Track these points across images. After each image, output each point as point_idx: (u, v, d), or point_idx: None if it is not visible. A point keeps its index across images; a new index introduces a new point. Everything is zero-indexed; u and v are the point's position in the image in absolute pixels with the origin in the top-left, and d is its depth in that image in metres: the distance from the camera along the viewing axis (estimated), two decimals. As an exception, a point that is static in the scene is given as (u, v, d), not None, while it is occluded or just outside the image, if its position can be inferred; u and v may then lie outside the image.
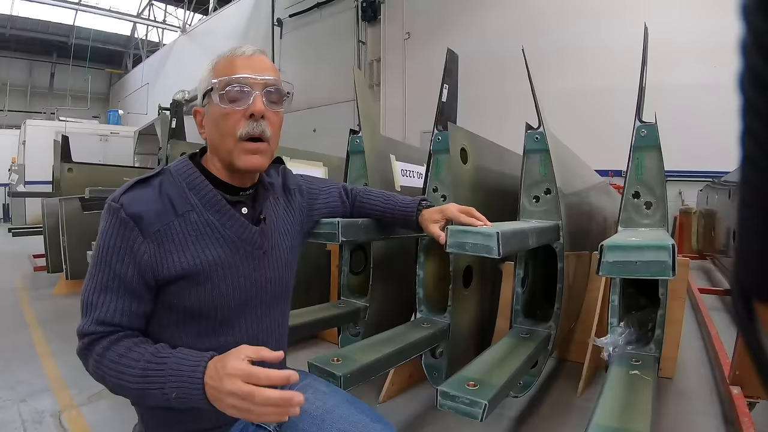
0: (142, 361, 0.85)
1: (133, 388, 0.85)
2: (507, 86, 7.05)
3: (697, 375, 2.43)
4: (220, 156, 1.00)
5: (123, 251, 0.90)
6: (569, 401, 2.17)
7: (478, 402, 1.25)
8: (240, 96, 0.97)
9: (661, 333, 1.77)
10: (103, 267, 0.91)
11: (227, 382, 0.77)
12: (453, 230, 1.27)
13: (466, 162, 1.96)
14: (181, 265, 0.93)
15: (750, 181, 0.31)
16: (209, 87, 0.99)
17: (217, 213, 0.98)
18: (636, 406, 1.28)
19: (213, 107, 0.99)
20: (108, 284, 0.90)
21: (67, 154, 4.88)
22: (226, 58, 1.01)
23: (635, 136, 1.75)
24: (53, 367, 2.54)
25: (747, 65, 0.28)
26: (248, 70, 0.98)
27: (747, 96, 0.29)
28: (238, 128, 0.97)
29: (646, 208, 1.76)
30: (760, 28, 0.27)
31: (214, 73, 0.99)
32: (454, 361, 1.97)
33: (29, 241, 5.36)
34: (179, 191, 0.96)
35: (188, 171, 0.99)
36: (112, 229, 0.91)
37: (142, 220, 0.91)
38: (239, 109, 0.97)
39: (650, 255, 1.14)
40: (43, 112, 16.27)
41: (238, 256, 1.00)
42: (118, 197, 0.92)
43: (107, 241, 0.91)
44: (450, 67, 1.93)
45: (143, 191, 0.94)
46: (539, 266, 2.17)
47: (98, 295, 0.90)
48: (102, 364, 0.87)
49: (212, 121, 1.00)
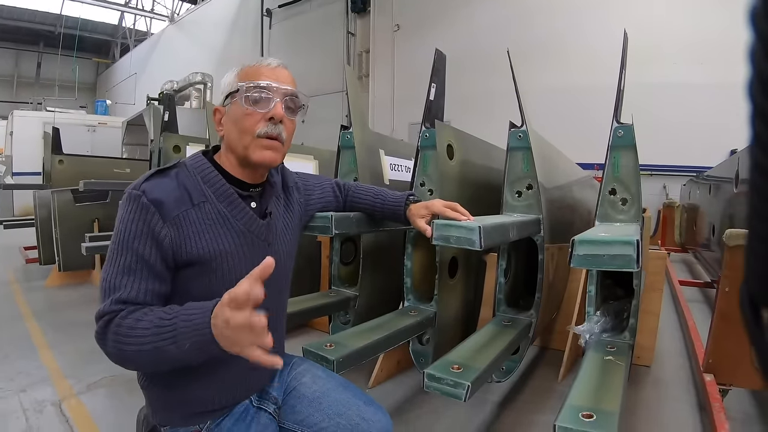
0: (156, 319, 0.88)
1: (149, 349, 0.87)
2: (493, 81, 7.11)
3: (674, 364, 2.53)
4: (237, 151, 1.08)
5: (145, 234, 0.95)
6: (550, 387, 2.27)
7: (462, 383, 1.34)
8: (262, 100, 1.06)
9: (635, 322, 1.87)
10: (124, 251, 0.95)
11: (219, 315, 0.81)
12: (438, 224, 1.36)
13: (453, 158, 2.04)
14: (197, 251, 0.99)
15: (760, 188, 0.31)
16: (234, 89, 1.07)
17: (229, 205, 1.06)
18: (609, 388, 1.36)
19: (235, 107, 1.07)
20: (131, 266, 0.95)
21: (58, 146, 4.85)
22: (254, 66, 1.09)
23: (612, 136, 1.83)
24: (51, 358, 2.57)
25: (755, 71, 0.28)
26: (272, 79, 1.08)
27: (756, 102, 0.29)
28: (257, 128, 1.06)
29: (622, 204, 1.86)
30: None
31: (240, 78, 1.08)
32: (440, 347, 2.06)
33: (18, 234, 5.31)
34: (194, 183, 1.03)
35: (202, 165, 1.07)
36: (133, 214, 0.96)
37: (163, 205, 0.97)
38: (260, 111, 1.06)
39: (616, 249, 1.23)
40: (30, 102, 16.05)
41: (247, 247, 1.07)
42: (139, 185, 0.99)
43: (129, 226, 0.96)
44: (438, 67, 2.01)
45: (162, 180, 1.01)
46: (522, 258, 2.26)
47: (120, 278, 0.94)
48: (119, 333, 0.89)
49: (233, 119, 1.08)
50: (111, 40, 21.01)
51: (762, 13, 0.27)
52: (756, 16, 0.27)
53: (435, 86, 1.96)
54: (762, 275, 0.33)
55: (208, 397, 1.07)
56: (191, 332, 0.84)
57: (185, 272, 1.01)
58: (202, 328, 0.83)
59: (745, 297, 0.34)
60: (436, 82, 1.97)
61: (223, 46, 13.83)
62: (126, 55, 19.49)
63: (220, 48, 13.91)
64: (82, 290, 4.09)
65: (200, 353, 0.86)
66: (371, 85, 9.81)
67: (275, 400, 1.18)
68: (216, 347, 0.83)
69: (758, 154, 0.30)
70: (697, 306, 3.59)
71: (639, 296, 1.86)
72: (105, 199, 4.29)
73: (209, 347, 0.84)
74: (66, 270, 4.10)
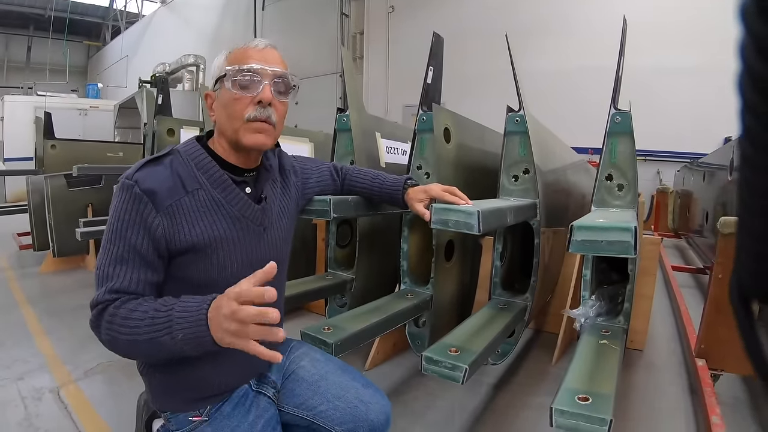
0: (151, 310, 0.89)
1: (143, 339, 0.87)
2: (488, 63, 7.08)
3: (666, 348, 2.56)
4: (227, 136, 1.07)
5: (138, 224, 0.95)
6: (544, 369, 2.30)
7: (459, 366, 1.36)
8: (250, 84, 1.04)
9: (629, 306, 1.88)
10: (117, 241, 0.95)
11: (224, 306, 0.81)
12: (437, 208, 1.36)
13: (449, 141, 2.04)
14: (191, 238, 0.99)
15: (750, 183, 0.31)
16: (222, 73, 1.05)
17: (223, 191, 1.05)
18: (604, 372, 1.37)
19: (224, 92, 1.05)
20: (123, 256, 0.95)
21: (50, 131, 4.80)
22: (241, 49, 1.08)
23: (610, 123, 1.83)
24: (47, 345, 2.56)
25: (745, 67, 0.28)
26: (260, 60, 1.05)
27: (746, 98, 0.29)
28: (246, 112, 1.04)
29: (618, 190, 1.86)
30: (759, 32, 0.27)
31: (228, 62, 1.07)
32: (436, 330, 2.08)
33: (10, 220, 5.26)
34: (188, 170, 1.03)
35: (196, 152, 1.06)
36: (126, 204, 0.96)
37: (156, 195, 0.97)
38: (249, 95, 1.04)
39: (614, 235, 1.23)
40: (21, 86, 15.82)
41: (242, 232, 1.07)
42: (131, 175, 0.98)
43: (122, 216, 0.96)
44: (435, 50, 1.98)
45: (155, 169, 1.00)
46: (517, 241, 2.27)
47: (113, 267, 0.95)
48: (113, 323, 0.90)
49: (222, 104, 1.06)
50: (102, 23, 20.64)
51: (752, 8, 0.27)
52: (746, 11, 0.27)
53: (432, 69, 1.95)
54: (751, 268, 0.34)
55: (208, 382, 1.08)
56: (186, 323, 0.85)
57: (181, 259, 1.01)
58: (197, 319, 0.84)
59: (735, 289, 0.35)
60: (433, 65, 1.96)
61: (216, 28, 13.64)
62: (117, 37, 19.14)
63: (213, 30, 13.71)
64: (77, 276, 4.07)
65: (194, 345, 0.86)
66: (365, 67, 9.73)
67: (274, 384, 1.19)
68: (209, 341, 0.84)
69: (748, 149, 0.30)
70: (689, 291, 3.61)
71: (634, 281, 1.88)
72: (99, 183, 4.24)
73: (203, 340, 0.84)
74: (60, 256, 4.07)
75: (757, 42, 0.27)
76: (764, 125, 0.29)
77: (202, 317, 0.84)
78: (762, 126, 0.29)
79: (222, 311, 0.81)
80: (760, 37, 0.27)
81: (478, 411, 1.95)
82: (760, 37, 0.27)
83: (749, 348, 0.35)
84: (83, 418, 1.88)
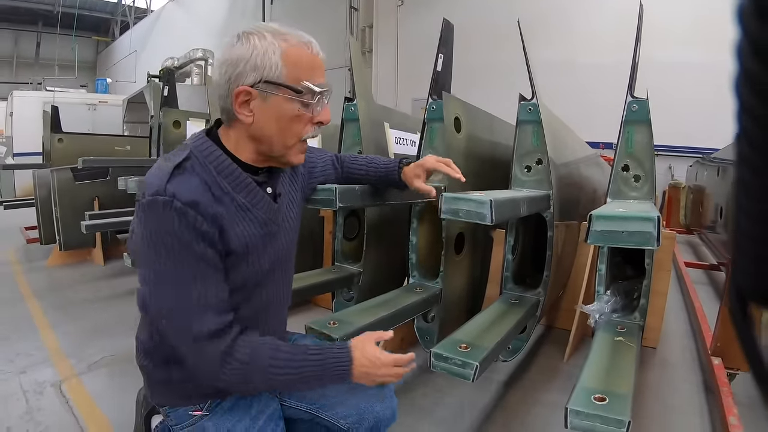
0: (295, 362, 0.96)
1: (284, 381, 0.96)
2: (496, 55, 7.01)
3: (680, 345, 2.51)
4: (271, 148, 0.98)
5: (197, 238, 0.89)
6: (556, 366, 2.25)
7: (470, 363, 1.31)
8: (318, 104, 0.98)
9: (645, 302, 1.83)
10: (184, 262, 0.89)
11: (383, 369, 0.99)
12: (447, 197, 1.31)
13: (460, 131, 1.98)
14: (231, 244, 0.95)
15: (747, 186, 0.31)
16: (280, 79, 0.93)
17: (248, 195, 0.99)
18: (620, 370, 1.33)
19: (279, 101, 0.94)
20: (197, 274, 0.90)
21: (57, 125, 4.79)
22: (302, 52, 0.96)
23: (626, 111, 1.77)
24: (52, 338, 2.55)
25: (742, 69, 0.28)
26: (324, 76, 0.99)
27: (742, 99, 0.29)
28: (305, 132, 0.98)
29: (635, 181, 1.80)
30: (756, 33, 0.27)
31: (287, 65, 0.93)
32: (446, 325, 2.03)
33: (19, 214, 5.28)
34: (211, 176, 0.94)
35: (213, 154, 0.96)
36: (173, 222, 0.87)
37: (199, 205, 0.90)
38: (309, 115, 0.97)
39: (636, 226, 1.18)
40: (30, 82, 15.90)
41: (267, 233, 1.03)
42: (163, 189, 0.88)
43: (176, 235, 0.88)
44: (445, 37, 1.93)
45: (184, 178, 0.91)
46: (529, 234, 2.21)
47: (193, 288, 0.90)
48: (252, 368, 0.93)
49: (276, 115, 0.95)
50: (111, 18, 20.73)
51: (749, 10, 0.27)
52: (743, 13, 0.27)
53: (442, 57, 1.89)
54: (749, 272, 0.33)
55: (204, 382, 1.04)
56: (335, 368, 0.98)
57: None
58: (346, 364, 0.98)
59: (733, 291, 0.35)
60: (443, 52, 1.90)
61: (224, 22, 13.66)
62: (126, 32, 19.21)
63: (221, 24, 13.73)
64: (84, 269, 4.06)
65: (331, 382, 1.01)
66: (374, 60, 9.70)
67: None
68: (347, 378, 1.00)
69: (744, 150, 0.30)
70: (703, 288, 3.54)
71: (651, 276, 1.82)
72: (105, 176, 4.24)
73: (342, 379, 1.00)
74: (67, 249, 4.07)
75: (754, 44, 0.27)
76: (761, 127, 0.28)
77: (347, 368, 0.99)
78: (759, 128, 0.28)
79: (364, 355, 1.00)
80: (757, 39, 0.27)
81: (488, 408, 1.90)
82: (757, 39, 0.27)
83: (747, 353, 0.35)
84: (84, 412, 1.87)
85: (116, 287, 3.50)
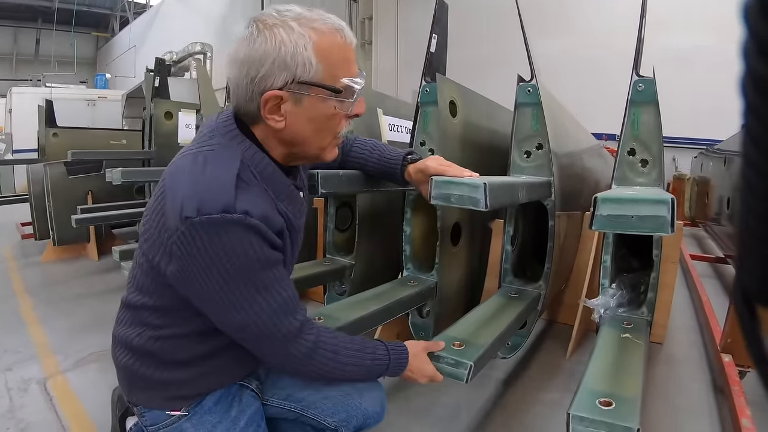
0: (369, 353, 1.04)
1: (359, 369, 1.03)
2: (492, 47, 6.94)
3: (687, 341, 2.42)
4: (304, 150, 0.93)
5: (270, 249, 0.87)
6: (558, 363, 2.16)
7: (464, 363, 1.21)
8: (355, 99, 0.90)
9: (653, 296, 1.74)
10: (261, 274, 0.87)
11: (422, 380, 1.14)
12: (437, 181, 1.20)
13: (456, 115, 1.88)
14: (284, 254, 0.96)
15: (752, 186, 0.31)
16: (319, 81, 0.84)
17: (291, 203, 0.95)
18: (627, 370, 1.25)
19: (314, 102, 0.86)
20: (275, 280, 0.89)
21: (52, 119, 4.74)
22: (338, 42, 0.86)
23: (632, 91, 1.67)
24: (40, 334, 2.51)
25: (748, 68, 0.28)
26: (356, 66, 0.90)
27: (748, 99, 0.29)
28: (340, 128, 0.92)
29: (642, 166, 1.70)
30: (761, 32, 0.26)
31: (321, 59, 0.83)
32: (442, 320, 1.94)
33: (15, 210, 5.27)
34: (261, 186, 0.88)
35: (263, 162, 0.89)
36: (251, 241, 0.83)
37: (269, 219, 0.86)
38: (345, 111, 0.90)
39: (647, 209, 1.07)
40: (29, 79, 15.95)
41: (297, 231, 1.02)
42: (232, 206, 0.80)
43: (251, 256, 0.83)
44: (439, 17, 1.83)
45: (248, 192, 0.85)
46: (530, 225, 2.11)
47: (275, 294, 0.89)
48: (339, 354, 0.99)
49: (310, 116, 0.87)
50: (110, 14, 20.77)
51: (755, 9, 0.27)
52: (749, 12, 0.27)
53: (437, 37, 1.79)
54: (755, 272, 0.33)
55: (195, 383, 1.01)
56: (397, 365, 1.08)
57: None
58: (403, 367, 1.10)
59: (738, 292, 0.35)
60: (437, 32, 1.80)
61: (224, 16, 13.67)
62: (125, 28, 19.26)
63: (221, 18, 13.75)
64: (78, 264, 4.01)
65: (388, 374, 1.09)
66: (374, 52, 9.69)
67: (258, 376, 1.13)
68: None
69: (750, 150, 0.30)
70: (709, 281, 3.46)
71: (659, 268, 1.72)
72: (99, 170, 4.18)
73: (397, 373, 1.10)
74: (61, 244, 4.02)
75: (759, 43, 0.27)
76: (767, 127, 0.28)
77: (404, 364, 1.10)
78: (764, 128, 0.29)
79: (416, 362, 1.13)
80: (762, 38, 0.27)
81: (486, 408, 1.82)
82: (762, 39, 0.27)
83: (754, 355, 0.35)
84: (67, 410, 1.82)
85: (109, 282, 3.44)
